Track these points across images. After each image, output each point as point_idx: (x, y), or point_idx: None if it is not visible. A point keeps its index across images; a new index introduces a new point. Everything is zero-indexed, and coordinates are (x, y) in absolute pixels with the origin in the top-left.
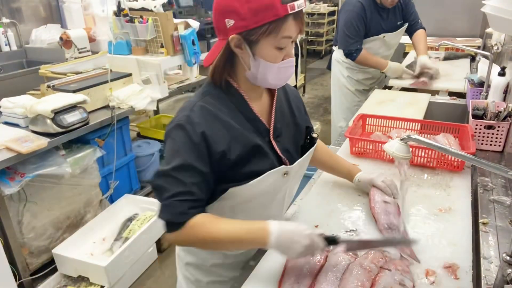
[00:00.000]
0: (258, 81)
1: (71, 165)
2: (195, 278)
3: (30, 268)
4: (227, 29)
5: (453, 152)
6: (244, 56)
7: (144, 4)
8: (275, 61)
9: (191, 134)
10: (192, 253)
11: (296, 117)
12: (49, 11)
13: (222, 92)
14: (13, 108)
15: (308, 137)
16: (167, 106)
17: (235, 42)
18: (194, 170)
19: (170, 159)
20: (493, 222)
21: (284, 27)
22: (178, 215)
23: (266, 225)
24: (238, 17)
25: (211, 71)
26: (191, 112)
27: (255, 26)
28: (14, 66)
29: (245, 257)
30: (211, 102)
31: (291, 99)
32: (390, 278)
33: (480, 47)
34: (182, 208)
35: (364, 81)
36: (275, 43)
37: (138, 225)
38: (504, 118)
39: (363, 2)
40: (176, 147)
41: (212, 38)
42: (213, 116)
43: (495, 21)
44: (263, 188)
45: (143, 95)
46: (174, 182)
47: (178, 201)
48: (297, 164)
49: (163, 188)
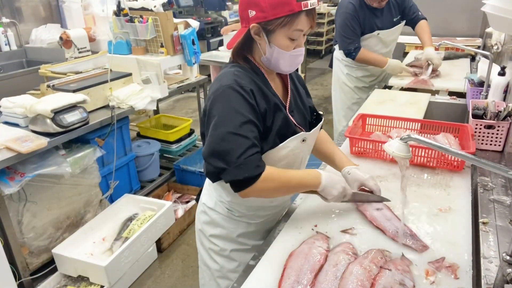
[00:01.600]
0: (271, 66)
1: (71, 165)
2: (220, 248)
3: (30, 268)
4: (249, 18)
5: (453, 151)
6: (261, 42)
7: (144, 4)
8: (287, 50)
9: (243, 93)
10: (217, 225)
11: (302, 97)
12: (49, 11)
13: (248, 67)
14: (13, 108)
15: (314, 114)
16: (167, 106)
17: (254, 30)
18: (253, 125)
19: (227, 119)
20: (493, 221)
21: (297, 21)
22: (254, 169)
23: (316, 171)
24: (259, 9)
25: (232, 51)
26: (235, 77)
27: (272, 18)
28: (14, 66)
29: (265, 225)
30: (243, 71)
31: (297, 83)
32: (390, 278)
33: (480, 47)
34: (256, 162)
35: (363, 79)
36: (288, 34)
37: (138, 225)
38: (504, 118)
39: (354, 2)
40: (231, 107)
41: (212, 38)
42: (252, 79)
43: (495, 21)
44: (286, 153)
45: (143, 95)
46: (240, 140)
47: (250, 157)
48: (313, 132)
49: (230, 150)
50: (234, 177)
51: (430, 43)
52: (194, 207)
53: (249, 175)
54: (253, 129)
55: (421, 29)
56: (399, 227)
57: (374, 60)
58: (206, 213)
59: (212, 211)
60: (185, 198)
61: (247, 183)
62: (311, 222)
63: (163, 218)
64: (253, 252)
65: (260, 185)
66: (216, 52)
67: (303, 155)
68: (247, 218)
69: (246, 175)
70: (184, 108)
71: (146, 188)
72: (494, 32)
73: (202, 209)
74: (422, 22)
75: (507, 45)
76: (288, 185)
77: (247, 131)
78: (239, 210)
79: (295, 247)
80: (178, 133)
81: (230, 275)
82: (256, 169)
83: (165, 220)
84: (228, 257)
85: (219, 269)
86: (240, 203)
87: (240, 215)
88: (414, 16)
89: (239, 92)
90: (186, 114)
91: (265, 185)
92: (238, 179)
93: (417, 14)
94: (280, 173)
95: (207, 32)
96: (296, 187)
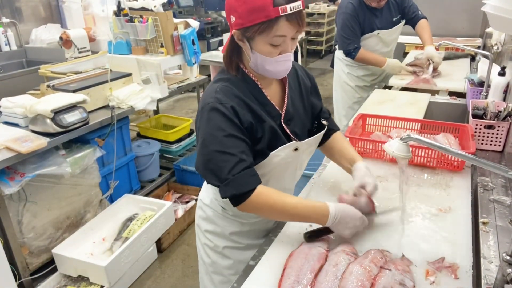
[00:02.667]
0: (260, 72)
1: (71, 165)
2: (214, 244)
3: (30, 268)
4: (231, 24)
5: (453, 151)
6: (245, 48)
7: (144, 4)
8: (271, 56)
9: (224, 111)
10: (211, 222)
11: (305, 103)
12: (49, 11)
13: (236, 77)
14: (13, 108)
15: (316, 123)
16: (167, 106)
17: (237, 36)
18: (237, 139)
19: (211, 138)
20: (493, 222)
21: (276, 27)
22: (243, 186)
23: (326, 206)
24: (238, 15)
25: (223, 59)
26: (216, 94)
27: (249, 24)
28: (14, 66)
29: (260, 226)
30: (227, 85)
31: (302, 83)
32: (390, 278)
33: (480, 47)
34: (244, 179)
35: (364, 78)
36: (268, 41)
37: (138, 225)
38: (504, 118)
39: (353, 2)
40: (214, 126)
41: (212, 38)
42: (235, 95)
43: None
44: (278, 161)
45: (143, 95)
46: (225, 158)
47: (238, 174)
48: (307, 142)
49: (218, 168)
50: (224, 194)
51: (430, 42)
52: (194, 207)
53: (237, 192)
54: (238, 143)
55: (422, 28)
56: None
57: (374, 59)
58: (202, 209)
59: (208, 208)
60: (185, 198)
61: (238, 199)
62: None
63: (163, 218)
64: (247, 250)
65: (254, 202)
66: (216, 52)
67: (297, 164)
68: (240, 217)
69: (235, 192)
70: (184, 108)
71: (146, 188)
72: (494, 32)
73: (199, 205)
74: (423, 21)
75: (507, 45)
76: (284, 211)
77: (232, 147)
78: (232, 209)
79: (295, 247)
80: (178, 133)
81: (224, 272)
82: (244, 186)
83: (165, 220)
84: (221, 254)
85: (211, 264)
86: None
87: (234, 215)
88: (414, 16)
89: (220, 110)
90: (186, 114)
91: (258, 203)
92: (227, 196)
93: (417, 13)
94: (278, 196)
95: (207, 32)
96: (295, 216)
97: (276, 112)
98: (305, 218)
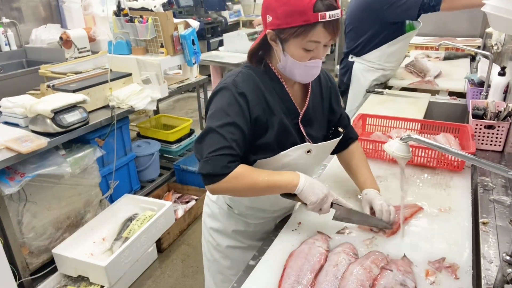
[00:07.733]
0: (287, 73)
1: (71, 165)
2: (217, 243)
3: (30, 268)
4: (267, 23)
5: (453, 152)
6: (277, 49)
7: (144, 4)
8: (302, 60)
9: (235, 94)
10: (216, 219)
11: (324, 108)
12: (49, 11)
13: (263, 71)
14: (13, 108)
15: (332, 129)
16: (167, 106)
17: (270, 36)
18: (236, 128)
19: (215, 116)
20: (493, 222)
21: (312, 32)
22: (220, 168)
23: (296, 174)
24: (275, 15)
25: (248, 52)
26: (236, 77)
27: (286, 26)
28: (14, 66)
29: (264, 227)
30: (250, 73)
31: (324, 88)
32: (391, 278)
33: (480, 47)
34: (223, 162)
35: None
36: (303, 45)
37: (138, 225)
38: (504, 118)
39: None
40: (221, 106)
41: (212, 38)
42: (255, 83)
43: (495, 21)
44: (288, 161)
45: (143, 95)
46: (217, 138)
47: (219, 156)
48: (321, 145)
49: (206, 144)
50: (200, 170)
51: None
52: (194, 207)
53: (213, 172)
54: (234, 131)
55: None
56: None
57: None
58: (208, 206)
59: (214, 204)
60: (185, 198)
61: (211, 179)
62: (311, 221)
63: (163, 218)
64: (249, 251)
65: (225, 184)
66: (216, 52)
67: (308, 167)
68: (245, 217)
69: (211, 171)
70: (184, 108)
71: (146, 188)
72: (494, 32)
73: (206, 201)
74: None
75: (507, 45)
76: (258, 186)
77: (227, 132)
78: (238, 208)
79: (295, 247)
80: (178, 133)
81: (225, 271)
82: (222, 169)
83: (165, 220)
84: (223, 253)
85: (213, 262)
86: (240, 202)
87: (239, 213)
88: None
89: (232, 92)
90: (186, 114)
91: (232, 184)
92: (202, 172)
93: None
94: (252, 173)
95: (207, 32)
96: (268, 188)
97: (295, 110)
98: (278, 188)
